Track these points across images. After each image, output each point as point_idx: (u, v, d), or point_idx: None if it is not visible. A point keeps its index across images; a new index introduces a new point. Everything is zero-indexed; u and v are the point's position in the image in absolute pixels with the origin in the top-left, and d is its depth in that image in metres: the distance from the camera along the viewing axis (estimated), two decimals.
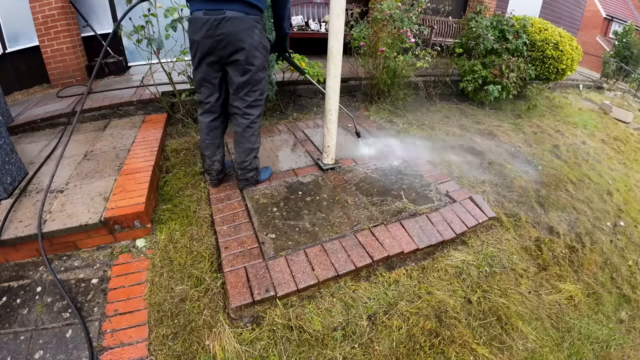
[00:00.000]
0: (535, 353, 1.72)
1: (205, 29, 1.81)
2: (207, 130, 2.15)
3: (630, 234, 3.05)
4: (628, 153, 4.81)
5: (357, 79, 4.20)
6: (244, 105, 2.05)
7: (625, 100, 7.39)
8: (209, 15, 1.79)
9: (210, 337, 1.50)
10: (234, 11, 1.80)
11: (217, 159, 2.22)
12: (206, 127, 2.14)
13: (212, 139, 2.17)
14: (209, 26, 1.80)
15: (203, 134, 2.17)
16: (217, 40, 1.83)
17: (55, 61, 3.97)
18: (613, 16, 16.45)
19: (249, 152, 2.19)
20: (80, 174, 2.28)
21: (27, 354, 1.40)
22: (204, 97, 2.07)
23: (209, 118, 2.12)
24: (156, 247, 1.92)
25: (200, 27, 1.82)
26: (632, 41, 8.88)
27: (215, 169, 2.26)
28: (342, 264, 1.81)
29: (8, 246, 1.76)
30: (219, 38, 1.82)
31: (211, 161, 2.23)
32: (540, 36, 4.82)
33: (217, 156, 2.22)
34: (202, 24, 1.81)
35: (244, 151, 2.18)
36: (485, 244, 2.21)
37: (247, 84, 1.98)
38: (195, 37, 1.86)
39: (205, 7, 1.80)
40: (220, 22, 1.78)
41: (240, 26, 1.82)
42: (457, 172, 2.89)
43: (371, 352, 1.52)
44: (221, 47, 1.85)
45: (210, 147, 2.18)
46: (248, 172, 2.27)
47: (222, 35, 1.81)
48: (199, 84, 2.04)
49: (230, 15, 1.79)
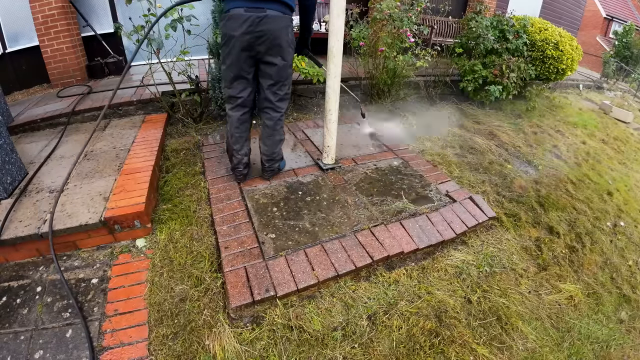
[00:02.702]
0: (535, 353, 1.72)
1: (246, 25, 1.89)
2: (238, 123, 2.23)
3: (630, 234, 3.05)
4: (628, 153, 4.81)
5: (357, 79, 4.20)
6: (276, 99, 2.18)
7: (625, 100, 7.39)
8: (250, 12, 1.88)
9: (210, 337, 1.50)
10: (274, 10, 1.91)
11: (244, 152, 2.31)
12: (237, 120, 2.22)
13: (242, 132, 2.26)
14: (250, 22, 1.88)
15: (233, 128, 2.24)
16: (257, 36, 1.92)
17: (55, 61, 3.97)
18: (613, 16, 16.45)
19: (279, 143, 2.35)
20: (80, 174, 2.28)
21: (27, 354, 1.40)
22: (237, 92, 2.14)
23: (241, 112, 2.20)
24: (156, 247, 1.92)
25: (241, 23, 1.89)
26: (632, 41, 8.88)
27: (244, 162, 2.34)
28: (342, 264, 1.81)
29: (8, 246, 1.76)
30: (259, 34, 1.91)
31: (240, 155, 2.30)
32: (540, 36, 4.81)
33: (245, 149, 2.31)
34: (243, 21, 1.89)
35: (274, 143, 2.32)
36: (485, 244, 2.21)
37: (281, 78, 2.11)
38: (234, 32, 1.93)
39: (246, 5, 1.89)
40: (262, 20, 1.88)
41: (279, 24, 1.94)
42: (457, 172, 2.89)
43: (371, 352, 1.52)
44: (260, 42, 1.94)
45: (239, 140, 2.27)
46: (275, 163, 2.42)
47: (263, 32, 1.91)
48: (232, 79, 2.10)
49: (271, 14, 1.90)
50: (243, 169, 2.36)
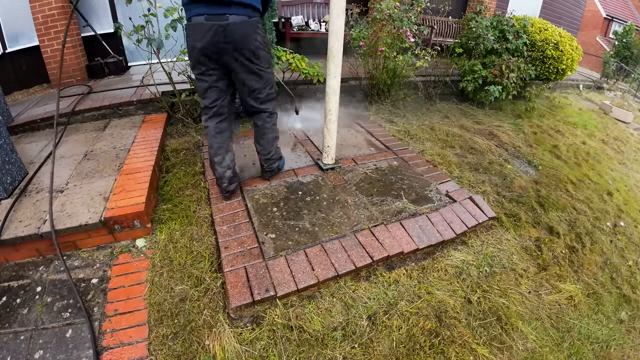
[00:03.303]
0: (535, 353, 1.72)
1: (209, 35, 1.76)
2: (215, 132, 2.10)
3: (630, 234, 3.05)
4: (628, 153, 4.81)
5: (357, 79, 4.20)
6: (259, 103, 2.12)
7: (625, 100, 7.39)
8: (212, 21, 1.74)
9: (210, 337, 1.50)
10: (238, 15, 1.76)
11: (227, 164, 2.13)
12: (214, 129, 2.09)
13: (221, 142, 2.11)
14: (214, 33, 1.75)
15: (211, 138, 2.11)
16: (221, 47, 1.80)
17: (55, 61, 3.96)
18: (613, 16, 16.45)
19: (273, 140, 2.29)
20: (80, 174, 2.28)
21: (27, 354, 1.40)
22: (210, 101, 2.02)
23: (216, 120, 2.08)
24: (156, 247, 1.92)
25: (204, 34, 1.76)
26: (632, 41, 8.88)
27: (227, 177, 2.15)
28: (342, 264, 1.81)
29: (8, 246, 1.76)
30: (223, 45, 1.79)
31: (222, 168, 2.13)
32: (540, 36, 4.82)
33: (227, 161, 2.13)
34: (205, 31, 1.76)
35: (269, 141, 2.27)
36: (485, 244, 2.21)
37: (257, 84, 2.03)
38: (197, 44, 1.80)
39: (207, 12, 1.74)
40: (225, 28, 1.75)
41: (245, 30, 1.81)
42: (457, 172, 2.89)
43: (371, 352, 1.52)
44: (226, 53, 1.82)
45: (220, 151, 2.11)
46: (274, 162, 2.37)
47: (228, 42, 1.79)
48: (204, 90, 1.98)
49: (234, 20, 1.76)
50: (228, 184, 2.16)
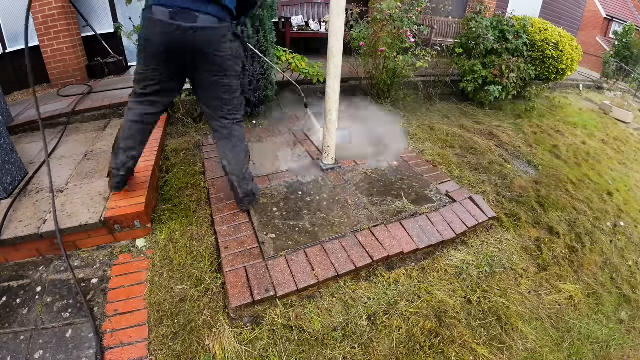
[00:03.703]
0: (535, 353, 1.72)
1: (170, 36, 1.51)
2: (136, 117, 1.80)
3: (630, 234, 3.05)
4: (628, 153, 4.81)
5: (357, 79, 4.20)
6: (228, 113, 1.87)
7: (625, 101, 7.39)
8: (177, 21, 1.48)
9: (210, 337, 1.50)
10: (210, 16, 1.53)
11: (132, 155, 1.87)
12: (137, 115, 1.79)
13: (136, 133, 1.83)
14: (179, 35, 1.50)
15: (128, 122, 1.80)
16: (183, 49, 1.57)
17: (55, 61, 3.97)
18: (613, 16, 16.45)
19: (245, 154, 1.97)
20: (80, 174, 2.28)
21: (27, 354, 1.40)
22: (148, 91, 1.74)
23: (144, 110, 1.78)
24: (156, 247, 1.92)
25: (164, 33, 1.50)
26: (632, 41, 8.88)
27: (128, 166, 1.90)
28: (342, 264, 1.81)
29: (8, 246, 1.76)
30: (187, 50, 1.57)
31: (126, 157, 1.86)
32: (540, 36, 4.82)
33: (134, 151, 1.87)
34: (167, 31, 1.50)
35: (240, 154, 1.94)
36: (485, 244, 2.21)
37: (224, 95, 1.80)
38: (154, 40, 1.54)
39: (173, 5, 1.47)
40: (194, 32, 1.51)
41: (215, 36, 1.58)
42: (457, 172, 2.89)
43: (371, 352, 1.52)
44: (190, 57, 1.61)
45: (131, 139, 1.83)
46: (248, 184, 2.03)
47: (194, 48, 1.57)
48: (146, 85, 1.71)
49: (203, 24, 1.52)
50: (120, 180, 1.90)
